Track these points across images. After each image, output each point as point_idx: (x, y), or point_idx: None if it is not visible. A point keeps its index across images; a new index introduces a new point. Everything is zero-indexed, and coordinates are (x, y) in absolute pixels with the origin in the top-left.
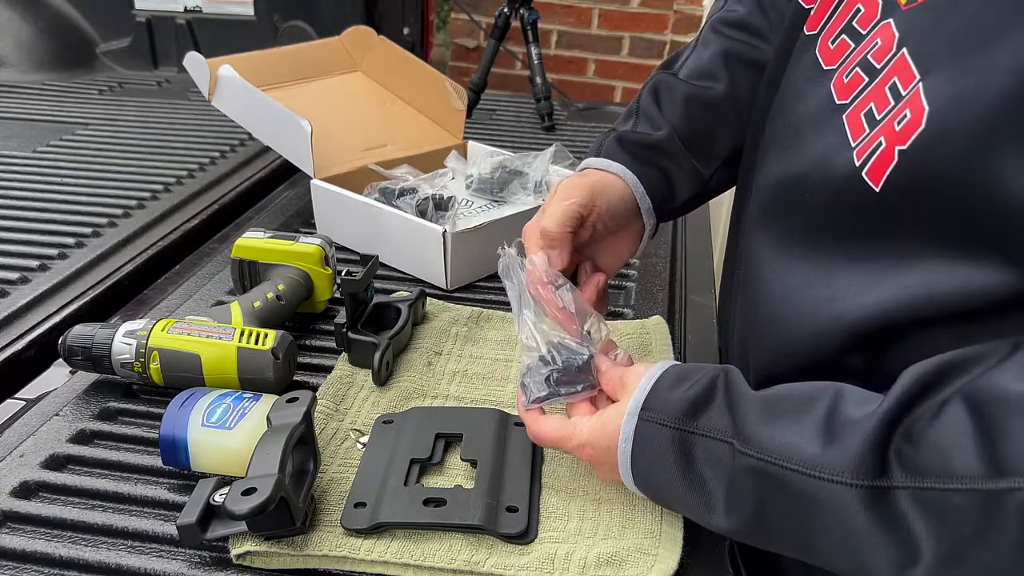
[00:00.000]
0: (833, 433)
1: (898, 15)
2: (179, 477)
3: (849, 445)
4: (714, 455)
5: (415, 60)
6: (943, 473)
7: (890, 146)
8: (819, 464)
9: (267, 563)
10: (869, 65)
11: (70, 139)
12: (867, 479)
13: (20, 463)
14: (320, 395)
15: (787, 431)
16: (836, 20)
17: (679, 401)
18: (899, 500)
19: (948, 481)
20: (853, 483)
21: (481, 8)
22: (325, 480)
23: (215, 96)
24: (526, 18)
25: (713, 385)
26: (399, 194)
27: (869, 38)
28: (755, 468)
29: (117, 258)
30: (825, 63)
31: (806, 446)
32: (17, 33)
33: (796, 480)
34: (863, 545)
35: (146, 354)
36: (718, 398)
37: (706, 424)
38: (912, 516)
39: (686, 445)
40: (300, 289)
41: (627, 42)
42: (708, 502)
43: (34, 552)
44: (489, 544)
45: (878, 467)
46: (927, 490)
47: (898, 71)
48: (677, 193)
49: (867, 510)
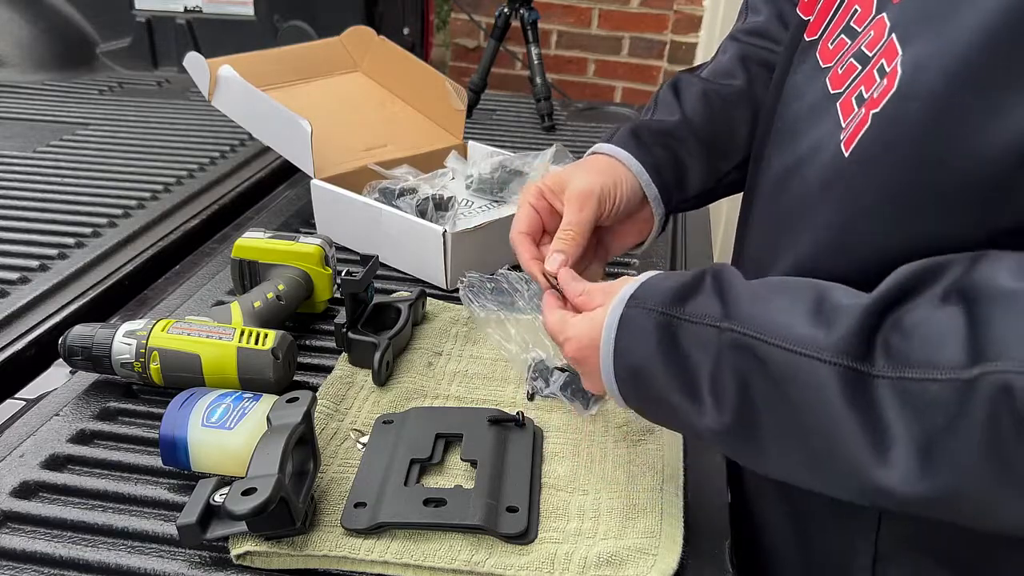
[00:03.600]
0: (822, 316)
1: (890, 8)
2: (179, 477)
3: (836, 327)
4: (700, 338)
5: (415, 60)
6: (926, 364)
7: (866, 113)
8: (804, 341)
9: (267, 563)
10: (862, 54)
11: (70, 139)
12: (848, 360)
13: (20, 463)
14: (320, 395)
15: (777, 312)
16: (835, 23)
17: (666, 289)
18: (876, 388)
19: (928, 372)
20: (833, 362)
21: (481, 8)
22: (325, 480)
23: (215, 96)
24: (526, 18)
25: (702, 275)
26: (399, 194)
27: (864, 32)
28: (739, 343)
29: (117, 258)
30: (823, 62)
31: (795, 326)
32: (17, 33)
33: (779, 356)
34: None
35: (146, 354)
36: (707, 285)
37: (693, 309)
38: (886, 404)
39: (671, 328)
40: (300, 289)
41: (627, 42)
42: (693, 390)
43: (34, 552)
44: (489, 544)
45: (863, 352)
46: (905, 380)
47: (886, 53)
48: (688, 183)
49: (843, 392)
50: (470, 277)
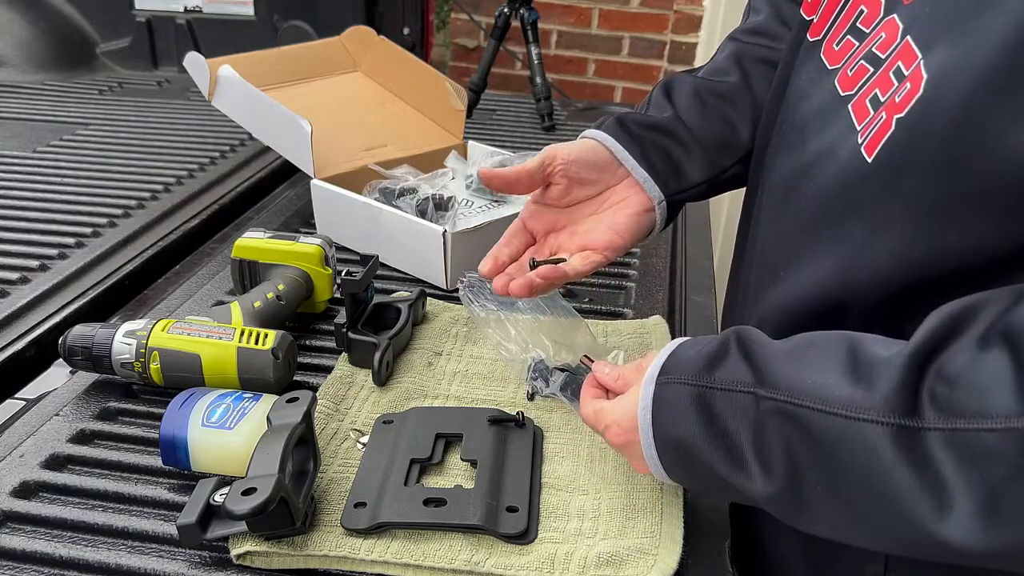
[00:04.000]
0: (860, 372)
1: (901, 9)
2: (179, 477)
3: (878, 383)
4: (735, 406)
5: (415, 60)
6: (978, 414)
7: (889, 117)
8: (846, 403)
9: (267, 563)
10: (874, 56)
11: (70, 139)
12: (897, 418)
13: (20, 463)
14: (320, 395)
15: (810, 373)
16: (840, 24)
17: (693, 359)
18: (929, 442)
19: (982, 422)
20: (882, 421)
21: (481, 8)
22: (325, 480)
23: (215, 96)
24: (526, 18)
25: (726, 341)
26: (399, 194)
27: (873, 34)
28: (780, 411)
29: (117, 258)
30: (830, 63)
31: (833, 386)
32: (17, 33)
33: (822, 421)
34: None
35: (146, 354)
36: (732, 350)
37: (723, 376)
38: (943, 459)
39: (706, 399)
40: (300, 289)
41: (627, 42)
42: (737, 458)
43: (34, 552)
44: (489, 544)
45: (910, 406)
46: (959, 431)
47: (902, 56)
48: (686, 174)
49: (895, 450)
50: (470, 277)
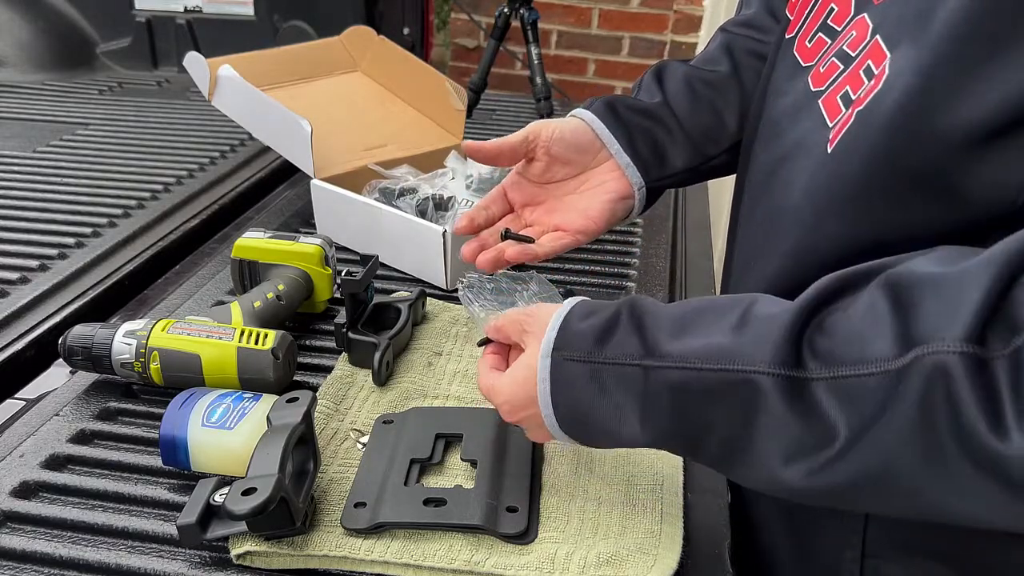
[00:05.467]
0: (747, 328)
1: (871, 9)
2: (179, 477)
3: (764, 336)
4: (624, 378)
5: (415, 60)
6: (858, 360)
7: (851, 111)
8: (736, 356)
9: (267, 563)
10: (844, 54)
11: (70, 139)
12: (784, 369)
13: (20, 463)
14: (320, 395)
15: (700, 335)
16: (811, 21)
17: (585, 332)
18: (815, 391)
19: (862, 367)
20: (771, 372)
21: (481, 8)
22: (325, 480)
23: (215, 96)
24: (526, 18)
25: (618, 312)
26: (399, 194)
27: (844, 32)
28: (668, 378)
29: (117, 258)
30: (803, 61)
31: (720, 344)
32: (17, 33)
33: (712, 378)
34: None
35: (146, 354)
36: (623, 322)
37: (613, 351)
38: (828, 405)
39: (599, 375)
40: (300, 289)
41: (627, 42)
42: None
43: (34, 552)
44: (489, 544)
45: (793, 357)
46: (841, 379)
47: (871, 55)
48: (669, 161)
49: (784, 399)
50: (470, 277)
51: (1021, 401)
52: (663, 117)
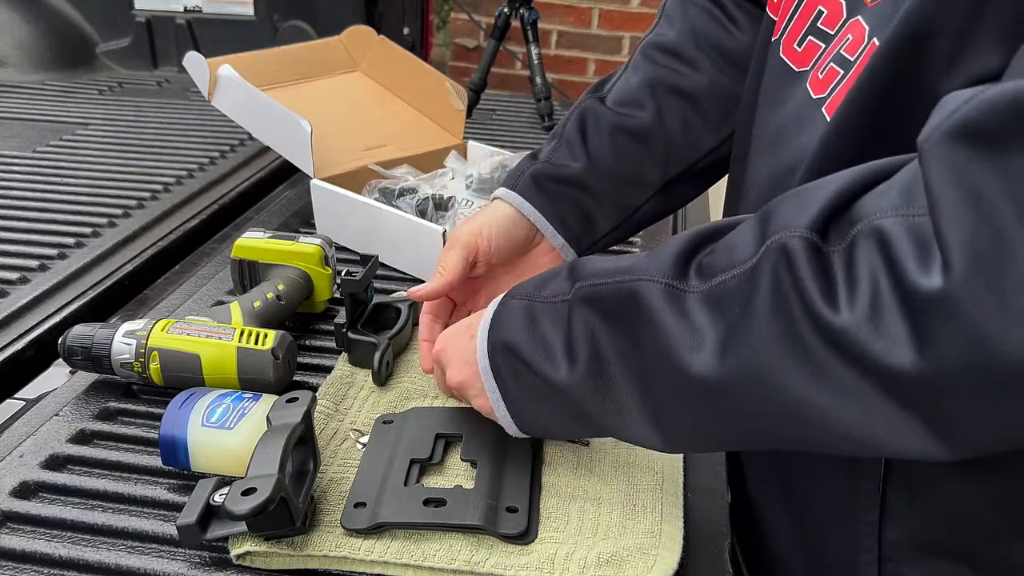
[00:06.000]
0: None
1: (866, 11)
2: (179, 477)
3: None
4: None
5: (415, 60)
6: (726, 267)
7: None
8: (634, 269)
9: (267, 563)
10: (843, 59)
11: (70, 139)
12: (668, 279)
13: (20, 463)
14: (320, 395)
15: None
16: (797, 24)
17: (529, 282)
18: (689, 301)
19: (727, 272)
20: (658, 280)
21: (481, 8)
22: (325, 480)
23: (215, 96)
24: (526, 18)
25: (560, 267)
26: (399, 194)
27: (839, 36)
28: (584, 297)
29: (117, 258)
30: (796, 66)
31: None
32: (17, 33)
33: (614, 290)
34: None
35: (146, 354)
36: (562, 272)
37: (548, 291)
38: (697, 311)
39: (531, 311)
40: (300, 289)
41: (627, 42)
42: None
43: (34, 552)
44: (489, 544)
45: (680, 273)
46: (712, 287)
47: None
48: (598, 226)
49: (667, 304)
50: None
51: (852, 285)
52: (589, 184)
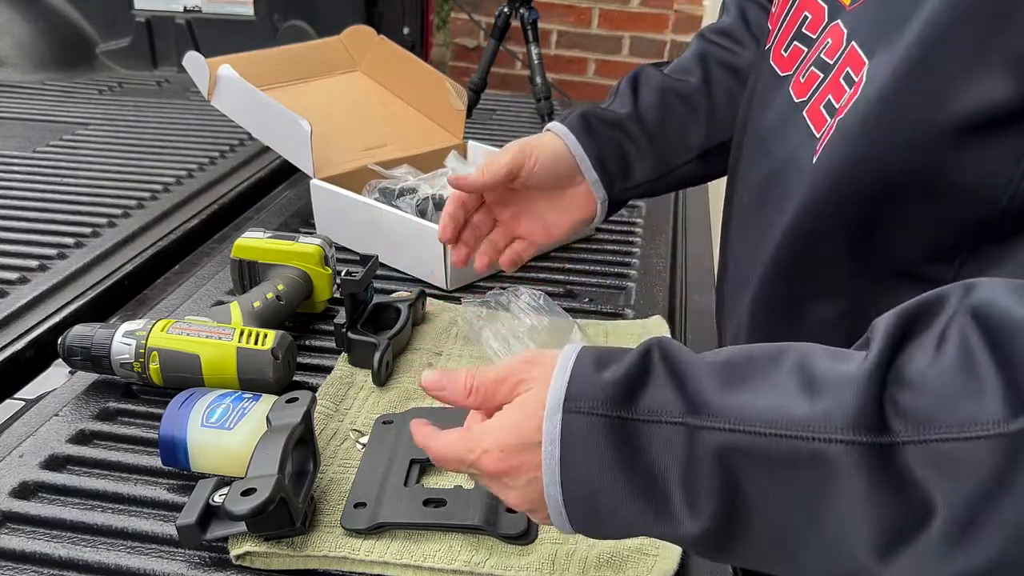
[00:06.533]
0: (817, 388)
1: (844, 15)
2: (179, 477)
3: (841, 398)
4: (662, 440)
5: (415, 60)
6: (955, 420)
7: (834, 121)
8: (810, 423)
9: (267, 563)
10: (823, 62)
11: (70, 139)
12: (868, 435)
13: (20, 463)
14: (320, 395)
15: (759, 394)
16: (785, 29)
17: (608, 383)
18: (905, 457)
19: (964, 428)
20: (854, 440)
21: (481, 8)
22: (325, 480)
23: (214, 96)
24: (526, 18)
25: (647, 360)
26: (399, 194)
27: (820, 40)
28: (722, 444)
29: (117, 258)
30: (781, 70)
31: (791, 406)
32: (17, 33)
33: (780, 447)
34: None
35: (145, 354)
36: (656, 372)
37: (647, 405)
38: (921, 474)
39: (627, 436)
40: (300, 289)
41: (627, 42)
42: (658, 499)
43: (34, 552)
44: (489, 545)
45: (877, 421)
46: (937, 442)
47: (850, 62)
48: (634, 173)
49: (871, 471)
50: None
51: None
52: (632, 130)
